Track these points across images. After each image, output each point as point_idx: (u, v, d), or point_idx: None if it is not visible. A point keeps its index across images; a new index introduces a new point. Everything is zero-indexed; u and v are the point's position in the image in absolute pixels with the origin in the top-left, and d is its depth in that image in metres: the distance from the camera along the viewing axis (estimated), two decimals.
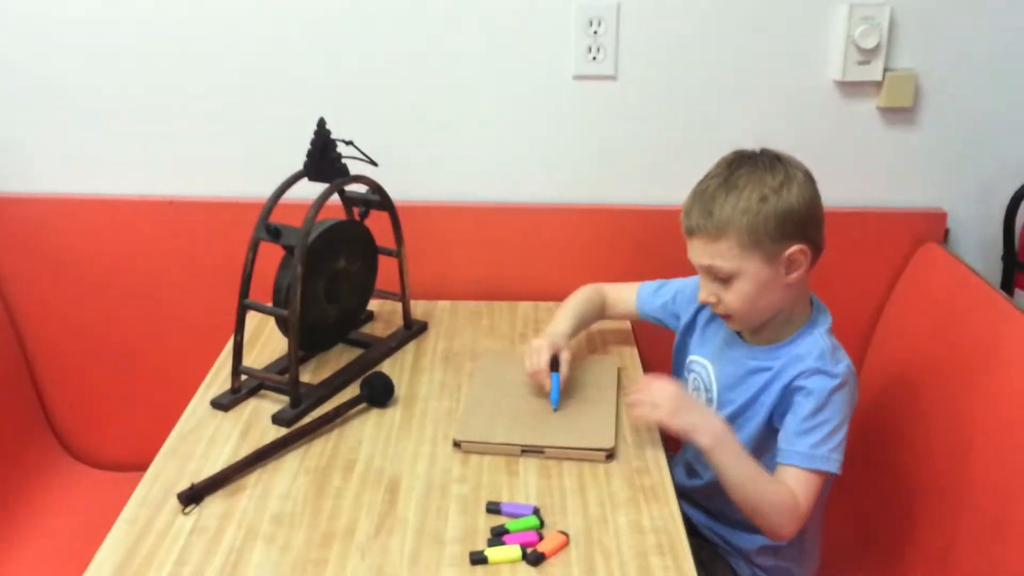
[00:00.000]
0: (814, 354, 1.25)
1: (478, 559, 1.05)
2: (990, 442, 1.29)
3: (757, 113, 1.68)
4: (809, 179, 1.25)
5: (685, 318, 1.45)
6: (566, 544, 1.08)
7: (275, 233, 1.32)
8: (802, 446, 1.23)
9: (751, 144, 1.29)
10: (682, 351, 1.45)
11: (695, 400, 1.27)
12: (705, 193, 1.24)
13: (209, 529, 1.11)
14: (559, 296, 1.71)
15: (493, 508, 1.14)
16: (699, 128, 1.69)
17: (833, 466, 1.23)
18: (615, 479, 1.20)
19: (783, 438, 1.25)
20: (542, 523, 1.11)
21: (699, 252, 1.25)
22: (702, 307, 1.42)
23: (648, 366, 1.50)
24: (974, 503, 1.28)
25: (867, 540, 1.54)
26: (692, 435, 1.20)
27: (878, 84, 1.66)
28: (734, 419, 1.32)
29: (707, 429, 1.20)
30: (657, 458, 1.25)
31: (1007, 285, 1.74)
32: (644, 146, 1.70)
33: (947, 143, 1.70)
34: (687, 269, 1.50)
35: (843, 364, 1.25)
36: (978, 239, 1.76)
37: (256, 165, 1.68)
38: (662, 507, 1.15)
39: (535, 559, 1.05)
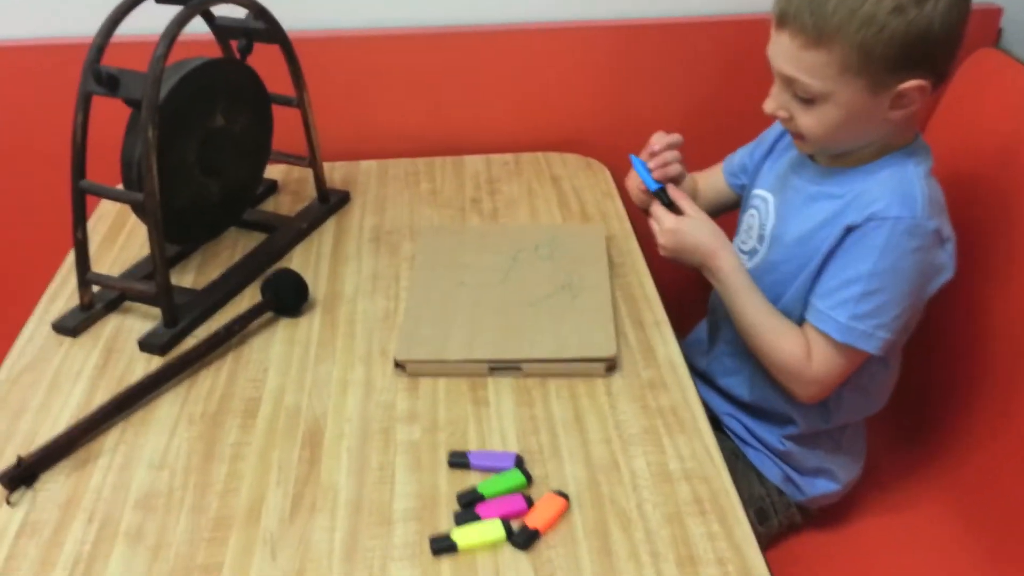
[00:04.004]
0: (897, 194, 0.92)
1: (443, 546, 0.72)
2: None
3: None
4: None
5: (761, 151, 1.13)
6: (566, 510, 0.76)
7: (111, 82, 0.91)
8: (841, 313, 0.93)
9: None
10: (749, 188, 1.13)
11: (700, 238, 1.01)
12: None
13: (45, 527, 0.76)
14: (517, 146, 1.34)
15: (458, 461, 0.80)
16: None
17: (873, 345, 0.94)
18: (621, 400, 0.87)
19: (821, 290, 0.96)
20: (529, 479, 0.78)
21: (783, 55, 0.91)
22: (782, 136, 1.10)
23: (640, 226, 1.15)
24: None
25: (915, 423, 1.26)
26: (703, 270, 1.03)
27: None
28: (783, 262, 1.02)
29: (712, 266, 1.01)
30: (673, 362, 0.93)
31: None
32: None
33: None
34: (687, 97, 1.15)
35: (934, 223, 0.92)
36: None
37: None
38: (692, 439, 0.83)
39: (526, 540, 0.72)
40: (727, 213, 1.19)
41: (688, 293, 1.20)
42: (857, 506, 1.17)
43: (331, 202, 1.20)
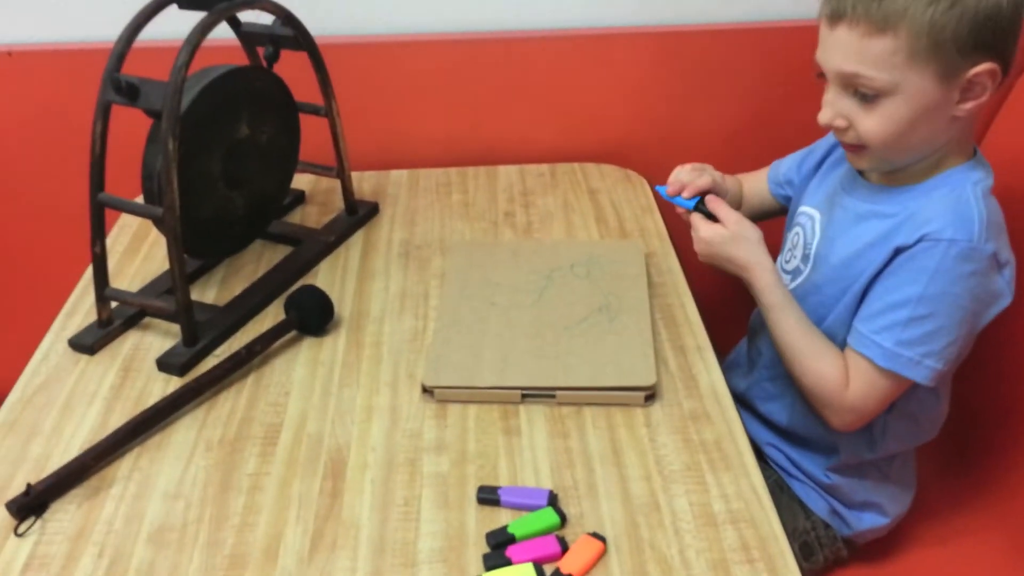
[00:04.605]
0: (953, 214, 0.86)
1: None
2: None
3: None
4: None
5: (809, 164, 1.07)
6: (602, 554, 0.71)
7: (131, 92, 0.87)
8: (886, 338, 0.87)
9: None
10: (796, 204, 1.07)
11: (733, 251, 0.95)
12: None
13: (53, 561, 0.72)
14: (552, 156, 1.29)
15: (488, 497, 0.76)
16: None
17: (921, 374, 0.88)
18: (662, 432, 0.82)
19: (865, 313, 0.90)
20: (563, 519, 0.73)
21: (843, 51, 0.85)
22: (832, 150, 1.04)
23: (681, 243, 1.10)
24: None
25: (965, 450, 1.20)
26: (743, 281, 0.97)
27: None
28: (827, 283, 0.96)
29: (746, 280, 0.95)
30: (716, 391, 0.87)
31: None
32: None
33: None
34: (731, 106, 1.09)
35: (991, 246, 0.86)
36: None
37: None
38: (737, 477, 0.78)
39: None
40: (772, 219, 1.13)
41: (729, 311, 1.14)
42: (906, 538, 1.10)
43: (359, 214, 1.15)
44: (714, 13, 1.26)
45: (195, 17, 0.89)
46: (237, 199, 1.02)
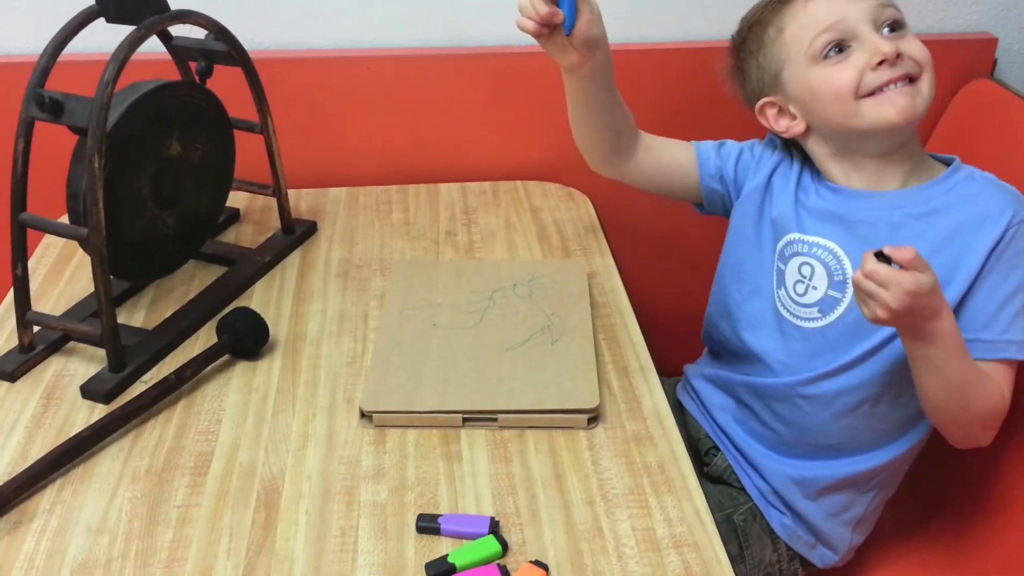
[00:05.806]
0: (1006, 193, 0.92)
1: None
2: None
3: None
4: None
5: (752, 183, 1.03)
6: None
7: (54, 108, 0.84)
8: (1015, 332, 0.88)
9: None
10: (745, 229, 1.03)
11: (932, 299, 0.80)
12: None
13: None
14: (494, 174, 1.28)
15: (427, 525, 0.73)
16: None
17: None
18: (605, 455, 0.81)
19: (979, 322, 0.89)
20: (505, 547, 0.72)
21: None
22: (778, 166, 1.02)
23: (627, 266, 1.09)
24: None
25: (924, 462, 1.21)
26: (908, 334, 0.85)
27: None
28: None
29: (931, 328, 0.82)
30: (660, 413, 0.86)
31: None
32: None
33: None
34: (673, 123, 1.10)
35: None
36: None
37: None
38: (680, 500, 0.77)
39: None
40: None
41: (673, 331, 1.14)
42: (861, 551, 1.09)
43: (296, 233, 1.13)
44: (651, 33, 1.27)
45: (124, 31, 0.86)
46: (168, 219, 0.99)
